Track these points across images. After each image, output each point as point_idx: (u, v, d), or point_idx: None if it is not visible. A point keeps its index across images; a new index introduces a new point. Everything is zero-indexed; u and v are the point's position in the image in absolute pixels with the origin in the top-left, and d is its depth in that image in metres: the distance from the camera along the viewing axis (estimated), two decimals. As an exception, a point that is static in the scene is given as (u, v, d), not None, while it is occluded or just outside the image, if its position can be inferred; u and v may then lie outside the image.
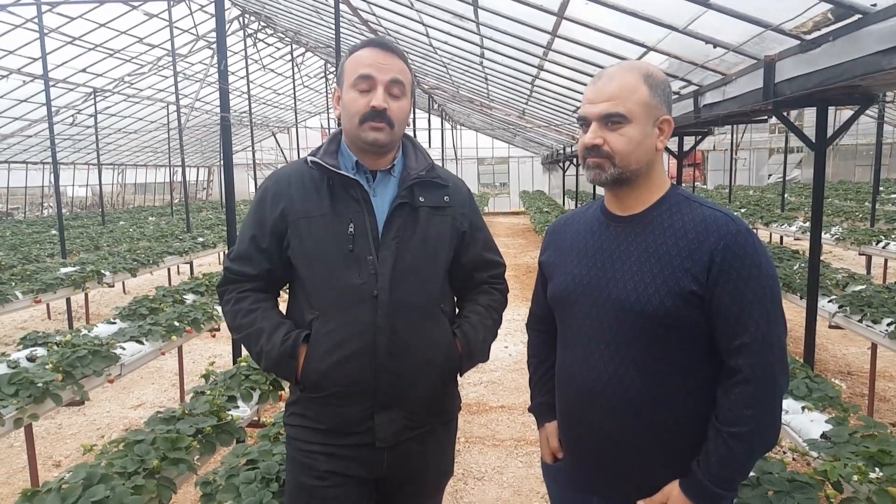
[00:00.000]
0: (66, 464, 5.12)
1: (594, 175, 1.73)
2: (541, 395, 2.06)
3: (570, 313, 1.83)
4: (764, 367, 1.59)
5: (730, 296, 1.59)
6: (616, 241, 1.77)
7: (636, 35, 5.74)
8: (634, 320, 1.67)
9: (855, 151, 30.61)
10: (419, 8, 8.55)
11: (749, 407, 1.59)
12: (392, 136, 1.94)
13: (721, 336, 1.63)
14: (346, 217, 1.92)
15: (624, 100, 1.66)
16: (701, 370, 1.69)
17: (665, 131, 1.74)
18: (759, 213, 14.88)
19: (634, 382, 1.68)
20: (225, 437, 3.32)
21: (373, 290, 1.89)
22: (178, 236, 13.88)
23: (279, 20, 16.05)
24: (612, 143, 1.68)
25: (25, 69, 14.04)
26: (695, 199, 1.75)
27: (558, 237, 1.97)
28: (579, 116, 1.75)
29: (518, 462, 4.88)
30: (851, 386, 6.34)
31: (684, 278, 1.62)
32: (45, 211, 25.65)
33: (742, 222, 1.66)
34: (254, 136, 18.86)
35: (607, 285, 1.73)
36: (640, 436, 1.71)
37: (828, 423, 3.32)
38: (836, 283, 6.64)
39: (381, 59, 1.90)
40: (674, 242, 1.66)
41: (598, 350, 1.73)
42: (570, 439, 1.89)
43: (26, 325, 9.67)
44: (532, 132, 20.65)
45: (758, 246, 1.63)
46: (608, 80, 1.69)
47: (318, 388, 1.92)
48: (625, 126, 1.67)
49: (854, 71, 3.31)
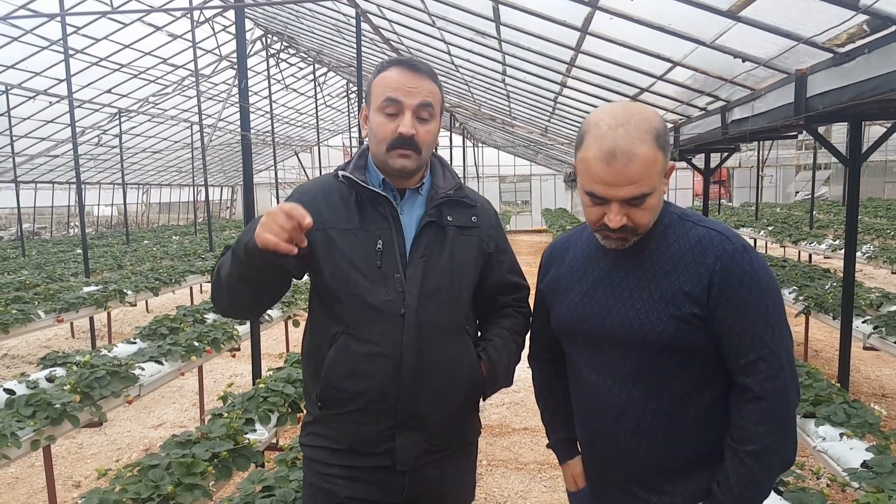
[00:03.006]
0: (85, 484, 5.08)
1: (616, 245, 1.68)
2: (557, 430, 2.02)
3: (576, 342, 1.81)
4: (774, 382, 1.57)
5: (732, 315, 1.58)
6: (615, 268, 1.73)
7: (662, 50, 5.65)
8: (640, 347, 1.65)
9: (885, 168, 30.16)
10: (441, 26, 8.54)
11: (763, 423, 1.57)
12: (420, 161, 1.89)
13: (728, 355, 1.61)
14: (375, 233, 1.89)
15: (648, 177, 1.56)
16: (712, 388, 1.66)
17: (669, 175, 1.68)
18: (787, 231, 14.65)
19: (648, 407, 1.66)
20: (242, 462, 3.25)
21: (400, 309, 1.85)
22: (201, 255, 13.95)
23: (301, 40, 16.18)
24: (636, 219, 1.61)
25: (52, 90, 14.22)
26: (688, 218, 1.72)
27: (557, 263, 1.91)
28: (593, 194, 1.61)
29: (542, 486, 4.75)
30: (888, 408, 6.14)
31: (685, 302, 1.60)
32: (72, 230, 25.95)
33: (738, 239, 1.63)
34: (276, 155, 18.98)
35: (609, 314, 1.70)
36: (659, 458, 1.68)
37: (868, 451, 3.20)
38: (869, 302, 6.46)
39: (408, 81, 1.85)
40: (672, 266, 1.64)
41: (610, 377, 1.71)
42: (594, 466, 1.86)
43: (50, 343, 9.72)
44: (555, 149, 20.59)
45: (755, 261, 1.60)
46: (627, 161, 1.53)
47: (339, 404, 1.87)
48: (648, 199, 1.59)
49: (890, 84, 3.21)
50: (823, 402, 3.79)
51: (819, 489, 2.73)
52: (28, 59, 13.27)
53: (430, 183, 2.00)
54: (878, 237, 13.85)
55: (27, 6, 11.03)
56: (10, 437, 3.50)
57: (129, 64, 14.98)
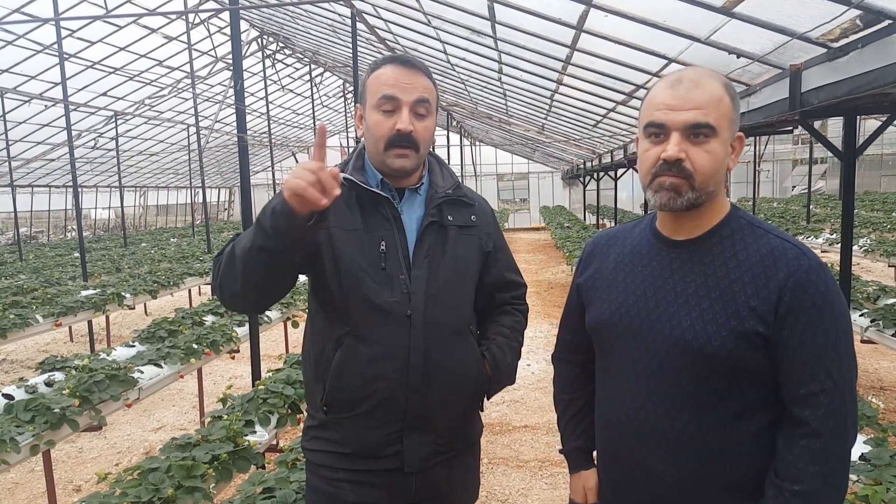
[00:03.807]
0: (86, 488, 5.08)
1: (667, 199, 1.48)
2: (574, 438, 1.87)
3: (614, 346, 1.65)
4: (835, 419, 1.42)
5: (799, 338, 1.42)
6: (670, 269, 1.57)
7: (657, 47, 5.66)
8: (691, 360, 1.49)
9: (881, 161, 30.18)
10: (436, 25, 8.54)
11: (815, 464, 1.41)
12: (418, 158, 1.88)
13: (787, 382, 1.46)
14: (378, 235, 1.87)
15: (713, 110, 1.44)
16: (760, 415, 1.51)
17: (737, 149, 1.53)
18: (783, 226, 14.68)
19: (687, 426, 1.51)
20: (242, 464, 3.25)
21: (406, 310, 1.84)
22: (199, 257, 13.94)
23: (297, 40, 16.16)
24: (695, 159, 1.45)
25: (47, 94, 14.20)
26: (760, 226, 1.55)
27: (600, 258, 1.75)
28: (652, 123, 1.48)
29: (543, 484, 4.76)
30: (885, 401, 6.15)
31: (749, 317, 1.44)
32: (69, 234, 25.91)
33: (815, 257, 1.48)
34: (273, 156, 18.97)
35: (659, 319, 1.54)
36: (690, 482, 1.54)
37: (866, 443, 3.20)
38: (866, 296, 6.48)
39: (404, 78, 1.83)
40: (738, 276, 1.47)
41: (647, 389, 1.56)
42: (613, 479, 1.73)
43: (48, 348, 9.70)
44: (552, 147, 20.59)
45: (830, 283, 1.45)
46: (693, 86, 1.45)
47: (346, 408, 1.86)
48: (711, 141, 1.45)
49: (885, 78, 3.21)
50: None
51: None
52: (23, 62, 13.25)
53: (428, 182, 1.99)
54: (875, 230, 13.89)
55: (21, 10, 11.02)
56: (9, 442, 3.50)
57: (125, 67, 14.95)
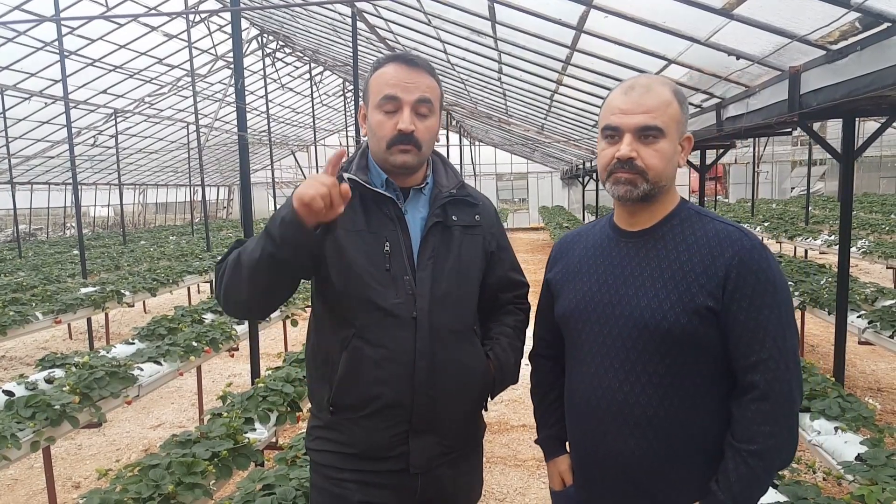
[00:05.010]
0: (85, 485, 5.09)
1: (625, 191, 1.66)
2: (548, 426, 1.99)
3: (580, 332, 1.77)
4: (781, 383, 1.56)
5: (746, 312, 1.57)
6: (627, 257, 1.72)
7: (657, 48, 5.67)
8: (649, 338, 1.63)
9: (879, 163, 30.22)
10: (437, 24, 8.55)
11: (766, 423, 1.56)
12: (420, 156, 1.87)
13: (736, 352, 1.60)
14: (382, 235, 1.86)
15: (661, 113, 1.62)
16: (716, 388, 1.65)
17: (686, 148, 1.72)
18: (782, 227, 14.70)
19: (651, 402, 1.64)
20: (241, 461, 3.26)
21: (412, 312, 1.83)
22: (199, 255, 13.93)
23: (297, 39, 16.16)
24: (646, 158, 1.63)
25: (47, 91, 14.20)
26: (706, 214, 1.72)
27: (566, 254, 1.91)
28: (608, 126, 1.67)
29: (540, 483, 4.78)
30: (882, 402, 6.17)
31: (700, 294, 1.59)
32: (68, 231, 25.91)
33: (755, 237, 1.64)
34: (273, 154, 18.97)
35: (619, 302, 1.69)
36: (657, 457, 1.65)
37: (863, 444, 3.22)
38: (864, 297, 6.50)
39: (406, 77, 1.82)
40: (687, 258, 1.63)
41: (612, 369, 1.68)
42: (584, 463, 1.83)
43: (48, 345, 9.71)
44: (551, 147, 20.59)
45: (772, 261, 1.61)
46: (644, 91, 1.63)
47: (353, 409, 1.86)
48: (660, 141, 1.63)
49: (883, 80, 3.22)
50: (819, 396, 3.81)
51: (814, 483, 2.75)
52: (23, 59, 13.26)
53: (432, 182, 1.98)
54: (874, 232, 13.89)
55: (22, 7, 11.02)
56: (9, 438, 3.51)
57: (125, 64, 14.96)
